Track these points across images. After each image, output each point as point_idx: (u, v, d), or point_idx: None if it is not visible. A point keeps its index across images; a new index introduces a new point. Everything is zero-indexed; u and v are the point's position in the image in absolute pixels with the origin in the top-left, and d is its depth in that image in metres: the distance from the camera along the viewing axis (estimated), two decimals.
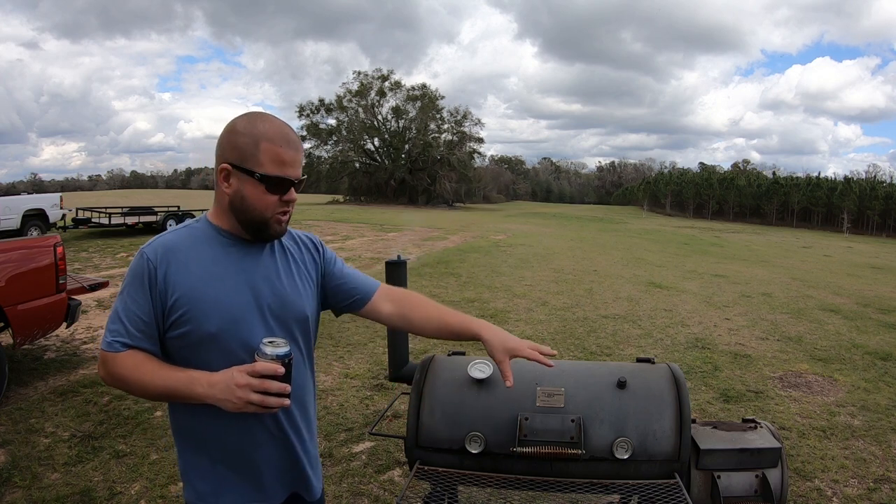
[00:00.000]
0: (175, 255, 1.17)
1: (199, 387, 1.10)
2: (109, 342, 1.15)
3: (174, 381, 1.12)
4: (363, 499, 2.81)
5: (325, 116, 53.00)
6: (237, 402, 1.08)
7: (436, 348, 5.34)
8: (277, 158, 1.15)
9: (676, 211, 66.49)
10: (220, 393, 1.08)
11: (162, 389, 1.12)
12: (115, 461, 3.07)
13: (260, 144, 1.15)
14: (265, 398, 1.08)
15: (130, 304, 1.15)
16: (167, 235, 1.21)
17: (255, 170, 1.15)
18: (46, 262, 4.06)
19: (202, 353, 1.16)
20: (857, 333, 6.52)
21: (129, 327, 1.14)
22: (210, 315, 1.15)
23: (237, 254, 1.22)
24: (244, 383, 1.07)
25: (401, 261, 2.06)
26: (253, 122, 1.17)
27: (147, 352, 1.16)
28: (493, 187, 76.25)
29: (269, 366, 1.08)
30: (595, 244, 18.69)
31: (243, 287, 1.20)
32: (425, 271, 10.19)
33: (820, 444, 3.52)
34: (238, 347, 1.16)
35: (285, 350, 1.10)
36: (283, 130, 1.17)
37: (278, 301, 1.24)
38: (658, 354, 5.41)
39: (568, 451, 1.68)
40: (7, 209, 12.60)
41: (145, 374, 1.13)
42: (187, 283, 1.15)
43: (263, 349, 1.09)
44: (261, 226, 1.20)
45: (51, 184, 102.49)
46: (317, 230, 18.18)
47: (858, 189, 53.43)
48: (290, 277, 1.28)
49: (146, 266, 1.15)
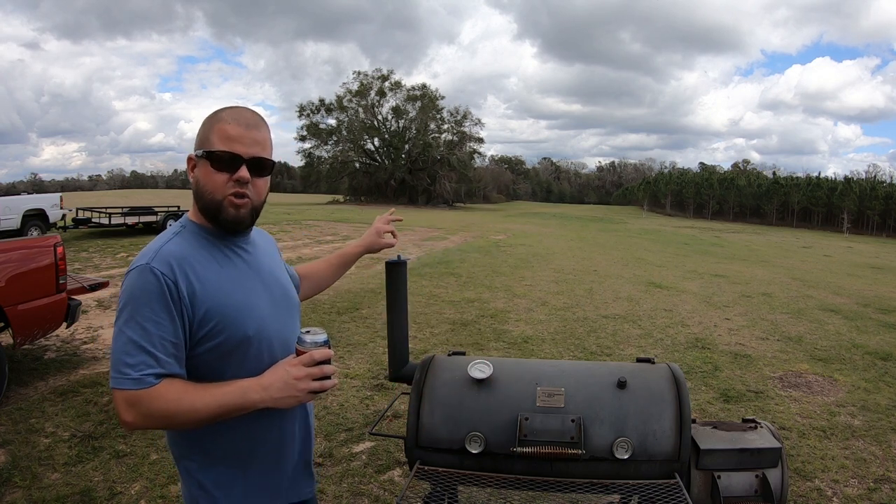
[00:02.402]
0: (187, 264, 1.10)
1: (253, 393, 1.06)
2: (137, 378, 1.00)
3: (225, 396, 1.05)
4: (363, 499, 2.81)
5: (325, 116, 53.14)
6: (300, 394, 1.07)
7: (436, 348, 5.35)
8: (225, 134, 1.12)
9: (676, 211, 66.50)
10: (277, 392, 1.06)
11: (215, 410, 1.04)
12: (115, 461, 3.07)
13: (213, 126, 1.14)
14: (324, 382, 1.09)
15: (152, 328, 1.03)
16: (168, 246, 1.11)
17: (205, 148, 1.13)
18: (46, 262, 4.06)
19: (235, 360, 1.13)
20: (857, 333, 6.52)
21: (157, 355, 1.02)
22: (243, 319, 1.13)
23: (235, 253, 1.20)
24: (303, 374, 1.06)
25: (401, 261, 2.06)
26: (217, 112, 1.16)
27: (181, 377, 1.07)
28: (493, 187, 76.28)
29: (325, 351, 1.09)
30: (595, 244, 18.69)
31: (258, 285, 1.19)
32: (425, 271, 10.19)
33: (820, 444, 3.52)
34: (269, 346, 1.16)
35: (324, 336, 1.11)
36: (241, 112, 1.15)
37: (282, 291, 1.26)
38: (658, 354, 5.41)
39: (568, 451, 1.68)
40: (7, 209, 12.59)
41: (194, 400, 1.03)
42: (211, 292, 1.10)
43: (304, 338, 1.10)
44: (215, 211, 1.14)
45: (51, 184, 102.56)
46: (317, 230, 18.18)
47: (858, 189, 53.45)
48: (279, 267, 1.32)
49: (163, 282, 1.04)
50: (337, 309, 6.85)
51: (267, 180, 1.20)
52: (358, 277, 9.28)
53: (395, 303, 2.12)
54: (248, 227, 1.20)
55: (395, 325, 2.16)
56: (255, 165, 1.14)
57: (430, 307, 7.17)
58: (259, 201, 1.18)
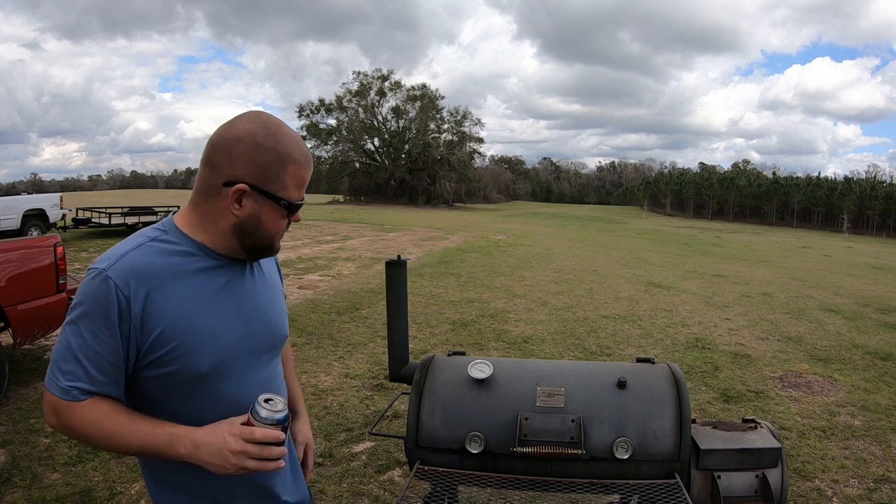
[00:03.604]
0: (151, 281, 0.97)
1: (181, 447, 0.95)
2: (65, 388, 0.94)
3: (149, 437, 0.95)
4: (363, 499, 2.81)
5: (325, 116, 53.16)
6: (230, 468, 0.94)
7: (436, 348, 5.35)
8: (301, 182, 1.04)
9: (676, 211, 66.50)
10: (207, 456, 0.94)
11: (135, 448, 0.96)
12: (115, 461, 3.07)
13: (287, 167, 1.01)
14: (263, 464, 0.95)
15: (91, 341, 0.94)
16: (132, 255, 0.98)
17: (280, 195, 1.01)
18: (46, 262, 4.06)
19: (186, 395, 1.01)
20: (857, 333, 6.52)
21: (90, 370, 0.94)
22: (202, 350, 1.00)
23: (222, 276, 1.06)
24: (240, 450, 0.93)
25: (401, 261, 2.06)
26: (274, 136, 1.00)
27: (113, 398, 0.97)
28: (493, 187, 76.24)
29: (271, 433, 0.95)
30: (595, 244, 18.69)
31: (232, 315, 1.06)
32: (425, 271, 10.19)
33: (820, 444, 3.52)
34: (229, 385, 1.04)
35: (284, 414, 0.97)
36: (304, 150, 1.05)
37: (265, 325, 1.12)
38: (658, 354, 5.41)
39: (568, 451, 1.68)
40: (7, 209, 12.58)
41: (114, 429, 0.95)
42: (173, 314, 0.98)
43: (260, 411, 0.95)
44: (266, 249, 1.08)
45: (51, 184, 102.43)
46: (316, 230, 18.18)
47: (858, 189, 53.42)
48: (269, 296, 1.16)
49: (114, 296, 0.94)
50: (337, 309, 6.85)
51: None
52: (358, 277, 9.29)
53: (395, 303, 2.12)
54: None
55: (394, 325, 2.17)
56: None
57: (430, 307, 7.17)
58: None
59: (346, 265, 10.76)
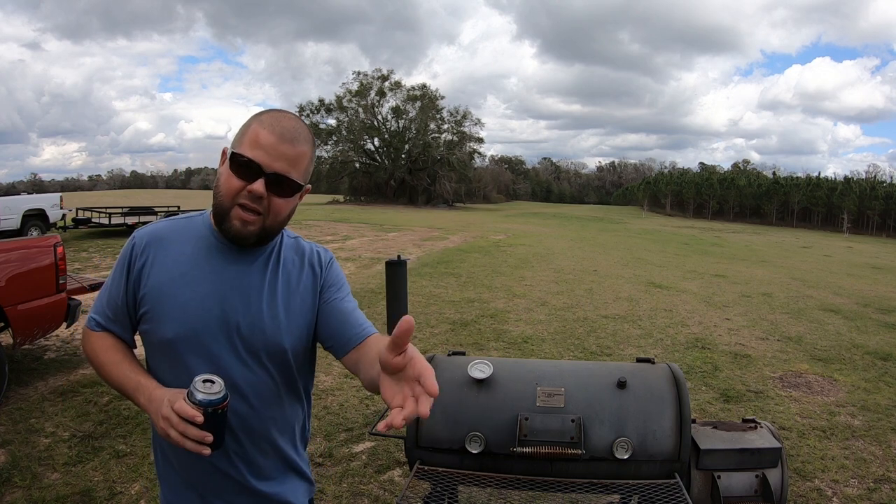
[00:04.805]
0: (159, 246, 1.10)
1: (141, 396, 1.03)
2: (90, 317, 1.15)
3: (125, 380, 1.07)
4: (363, 499, 2.81)
5: (325, 116, 53.13)
6: (160, 431, 0.97)
7: (436, 348, 5.35)
8: (255, 139, 1.01)
9: (676, 211, 66.49)
10: (153, 413, 0.99)
11: (115, 383, 1.09)
12: (115, 461, 3.07)
13: (251, 126, 1.04)
14: (183, 439, 0.93)
15: (111, 285, 1.13)
16: (164, 222, 1.15)
17: (234, 148, 1.03)
18: (46, 262, 4.06)
19: (161, 357, 1.09)
20: (857, 333, 6.52)
21: (104, 308, 1.14)
22: (169, 319, 1.06)
23: (223, 260, 1.09)
24: (165, 416, 0.95)
25: (401, 261, 2.06)
26: (263, 111, 1.07)
27: (118, 337, 1.13)
28: (493, 187, 76.19)
29: (188, 410, 0.92)
30: (595, 244, 18.69)
31: (213, 298, 1.07)
32: (425, 271, 10.19)
33: (820, 444, 3.52)
34: (194, 362, 1.05)
35: (216, 397, 0.93)
36: (281, 120, 1.03)
37: (249, 325, 1.07)
38: (658, 354, 5.41)
39: (568, 451, 1.68)
40: (7, 209, 12.58)
41: (106, 362, 1.10)
42: (157, 280, 1.08)
43: (193, 389, 0.94)
44: (221, 216, 1.04)
45: (51, 184, 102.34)
46: (316, 230, 18.18)
47: (858, 189, 53.41)
48: (273, 300, 1.09)
49: (130, 251, 1.11)
50: None
51: (289, 202, 1.07)
52: (358, 277, 9.29)
53: (394, 302, 2.12)
54: (253, 245, 1.09)
55: (394, 324, 2.16)
56: (275, 182, 1.02)
57: (430, 307, 7.17)
58: (273, 222, 1.06)
59: (346, 265, 10.76)
